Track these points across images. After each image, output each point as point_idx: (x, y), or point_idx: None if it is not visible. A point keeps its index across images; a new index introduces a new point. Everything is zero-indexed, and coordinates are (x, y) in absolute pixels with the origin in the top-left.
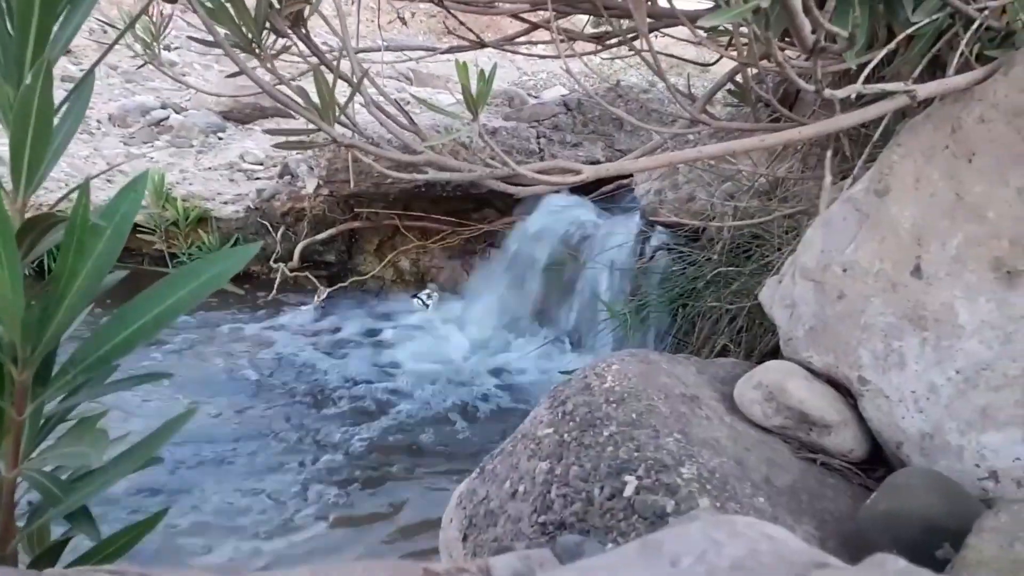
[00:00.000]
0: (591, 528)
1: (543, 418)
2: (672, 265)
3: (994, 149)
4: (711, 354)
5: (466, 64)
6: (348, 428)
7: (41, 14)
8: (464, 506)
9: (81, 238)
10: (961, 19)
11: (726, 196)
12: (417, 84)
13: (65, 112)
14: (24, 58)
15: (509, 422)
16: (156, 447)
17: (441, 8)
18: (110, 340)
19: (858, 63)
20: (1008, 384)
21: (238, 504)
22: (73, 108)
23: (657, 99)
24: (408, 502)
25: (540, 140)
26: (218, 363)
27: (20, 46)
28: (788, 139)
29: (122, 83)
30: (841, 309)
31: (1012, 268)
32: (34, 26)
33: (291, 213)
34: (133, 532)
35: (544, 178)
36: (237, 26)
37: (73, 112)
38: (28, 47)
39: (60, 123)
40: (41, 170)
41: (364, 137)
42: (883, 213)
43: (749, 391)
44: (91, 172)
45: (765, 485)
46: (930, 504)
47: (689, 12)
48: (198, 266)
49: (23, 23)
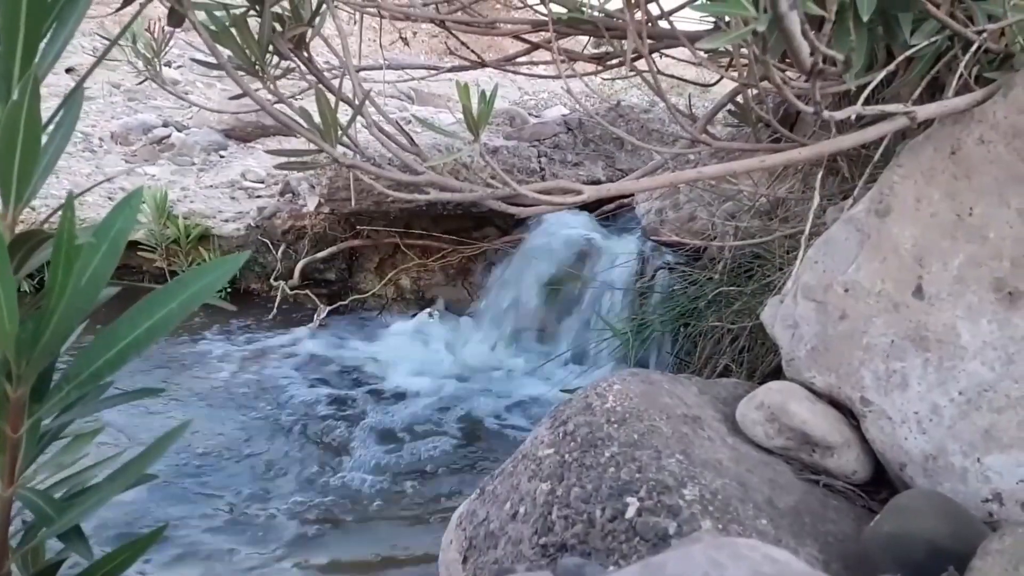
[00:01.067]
0: (592, 550)
1: (544, 438)
2: (673, 284)
3: (994, 170)
4: (713, 374)
5: (467, 85)
6: (345, 446)
7: (27, 30)
8: (464, 527)
9: (68, 254)
10: (960, 41)
11: (727, 216)
12: (419, 103)
13: (55, 127)
14: (12, 73)
15: (510, 442)
16: (149, 463)
17: (443, 28)
18: (103, 355)
19: (858, 84)
20: (1011, 405)
21: (228, 522)
22: (63, 122)
23: (658, 119)
24: (407, 523)
25: (541, 159)
26: (213, 381)
27: (7, 61)
28: (788, 160)
29: (124, 101)
30: (843, 329)
31: (1013, 289)
32: (20, 42)
33: (292, 231)
34: (130, 551)
35: (545, 198)
36: (241, 49)
37: (63, 126)
38: (15, 62)
39: (50, 138)
40: (30, 185)
41: (366, 157)
42: (884, 233)
43: (751, 412)
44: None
45: (768, 507)
46: (934, 526)
47: (689, 33)
48: (187, 278)
49: (9, 39)
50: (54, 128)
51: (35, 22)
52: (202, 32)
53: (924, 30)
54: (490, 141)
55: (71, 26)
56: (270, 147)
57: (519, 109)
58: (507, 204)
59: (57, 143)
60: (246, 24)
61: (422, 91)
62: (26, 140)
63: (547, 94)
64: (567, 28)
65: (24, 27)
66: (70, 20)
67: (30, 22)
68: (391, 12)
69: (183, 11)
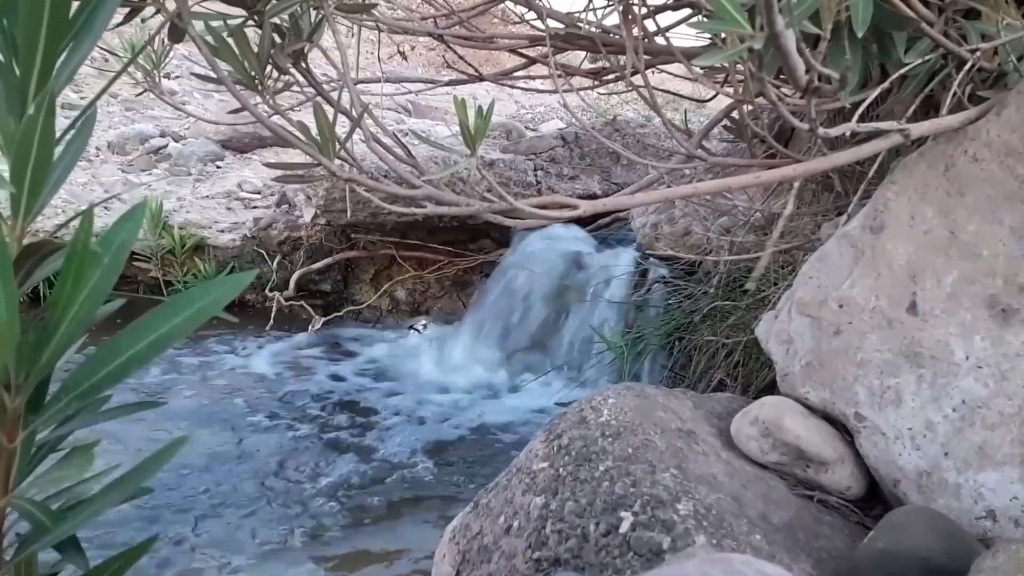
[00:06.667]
0: (586, 565)
1: (538, 452)
2: (668, 298)
3: (987, 188)
4: (707, 388)
5: (464, 100)
6: (337, 460)
7: (46, 48)
8: (457, 541)
9: (81, 265)
10: (954, 60)
11: (722, 230)
12: (416, 116)
13: (67, 143)
14: (28, 90)
15: (503, 455)
16: (147, 476)
17: (441, 42)
18: (104, 367)
19: (852, 102)
20: (1004, 422)
21: (222, 537)
22: (75, 139)
23: (653, 134)
24: (400, 536)
25: (537, 172)
26: (209, 392)
27: (24, 79)
28: (783, 176)
29: (122, 111)
30: (837, 345)
31: (1007, 306)
32: (39, 60)
33: (288, 242)
34: (121, 561)
35: (541, 212)
36: (240, 63)
37: (75, 143)
38: (32, 79)
39: (61, 154)
40: (40, 199)
41: (363, 170)
42: (878, 249)
43: (746, 427)
44: (88, 199)
45: (762, 522)
46: (928, 543)
47: (686, 49)
48: (193, 294)
49: (28, 57)
50: (66, 144)
51: (54, 40)
52: (201, 46)
53: (918, 48)
54: (487, 154)
55: (88, 45)
56: (267, 158)
57: (516, 123)
58: (503, 217)
59: (68, 159)
60: (245, 37)
61: (419, 104)
62: (39, 154)
63: (544, 108)
64: (564, 43)
65: (43, 45)
66: (88, 38)
67: (49, 40)
68: (390, 26)
69: (183, 26)
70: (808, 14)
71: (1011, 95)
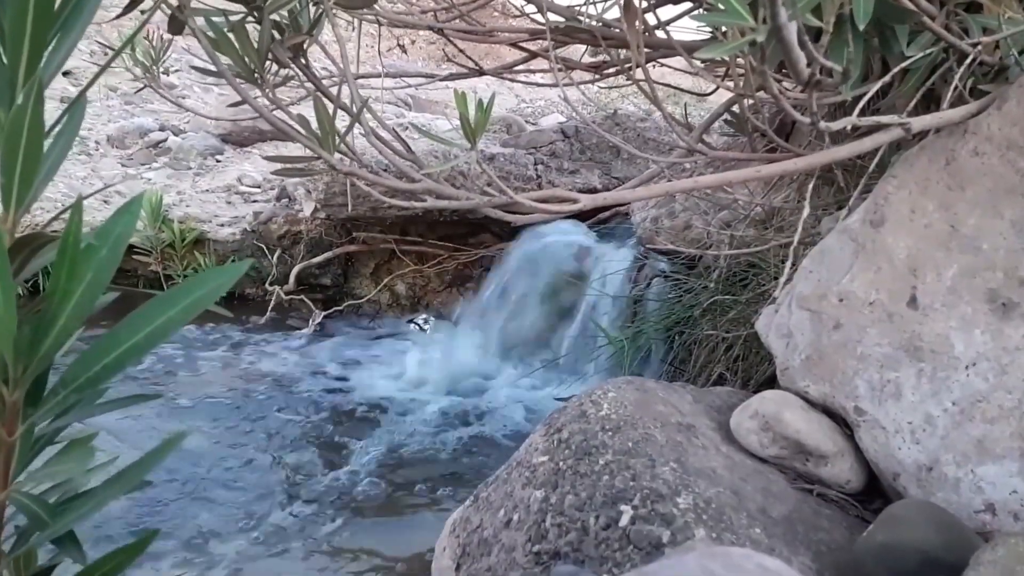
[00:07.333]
0: (586, 558)
1: (538, 445)
2: (668, 292)
3: (988, 182)
4: (707, 382)
5: (464, 94)
6: (338, 454)
7: (33, 36)
8: (458, 534)
9: (73, 258)
10: (955, 54)
11: (722, 224)
12: (416, 110)
13: (58, 133)
14: (16, 80)
15: (503, 449)
16: (146, 471)
17: (441, 36)
18: (101, 360)
19: (853, 95)
20: (1004, 416)
21: (222, 530)
22: (66, 129)
23: (654, 128)
24: (400, 530)
25: (538, 167)
26: (208, 386)
27: (12, 68)
28: (784, 170)
29: (121, 105)
30: (837, 339)
31: (1007, 300)
32: (26, 48)
33: (288, 236)
34: (121, 556)
35: (542, 207)
36: (240, 57)
37: (66, 133)
38: (20, 68)
39: (52, 143)
40: (32, 190)
41: (363, 164)
42: (879, 243)
43: (745, 420)
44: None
45: (761, 516)
46: (927, 537)
47: (686, 43)
48: (189, 285)
49: (15, 45)
50: (57, 133)
51: (41, 29)
52: (202, 40)
53: (919, 42)
54: (487, 148)
55: (76, 33)
56: (267, 152)
57: (516, 116)
58: (503, 212)
59: (59, 149)
60: (245, 32)
61: (419, 97)
62: (29, 144)
63: (544, 102)
64: (564, 37)
65: (30, 34)
66: (75, 27)
67: (36, 29)
68: (390, 20)
69: (183, 19)
70: (811, 7)
71: (1012, 89)
